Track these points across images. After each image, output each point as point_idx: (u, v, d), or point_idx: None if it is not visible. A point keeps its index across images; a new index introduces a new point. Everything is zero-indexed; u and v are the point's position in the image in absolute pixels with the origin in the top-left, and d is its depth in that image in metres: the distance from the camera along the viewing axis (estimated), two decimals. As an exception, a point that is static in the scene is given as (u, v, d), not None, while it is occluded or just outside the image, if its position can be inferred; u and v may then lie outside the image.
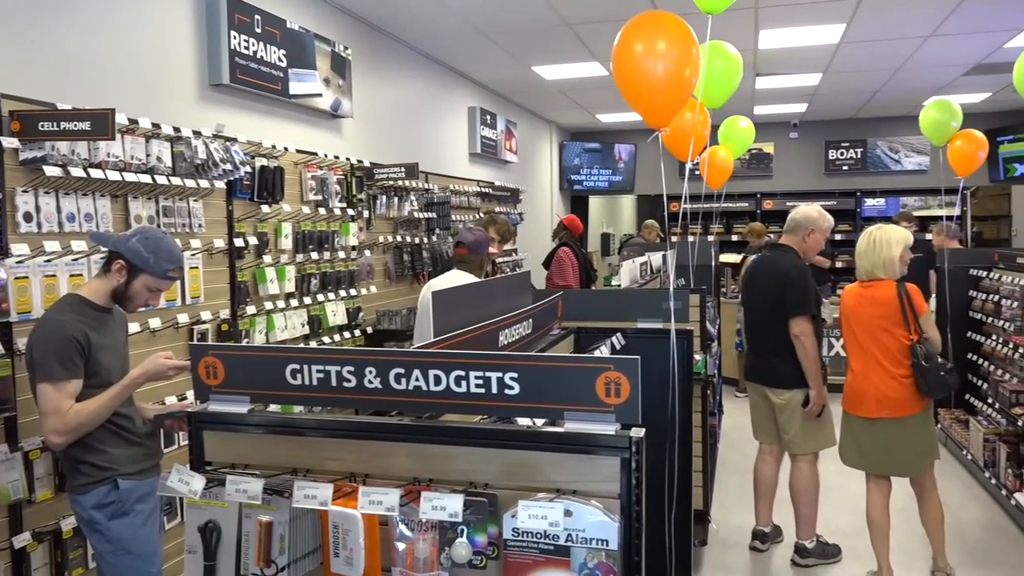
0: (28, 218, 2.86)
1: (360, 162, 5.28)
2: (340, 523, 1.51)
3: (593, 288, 6.92)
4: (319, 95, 4.95)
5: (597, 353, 2.56)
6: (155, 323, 3.39)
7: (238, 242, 3.99)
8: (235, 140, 3.95)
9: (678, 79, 2.72)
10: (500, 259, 7.41)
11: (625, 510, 1.43)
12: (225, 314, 3.90)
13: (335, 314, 4.84)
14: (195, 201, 3.69)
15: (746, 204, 11.84)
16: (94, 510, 2.46)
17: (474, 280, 3.72)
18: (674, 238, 8.70)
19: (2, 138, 2.76)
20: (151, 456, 2.64)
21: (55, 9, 3.17)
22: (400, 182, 5.60)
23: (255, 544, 1.57)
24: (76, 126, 2.82)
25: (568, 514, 1.40)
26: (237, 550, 1.59)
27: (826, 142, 11.31)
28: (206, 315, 3.73)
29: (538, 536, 1.43)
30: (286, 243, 4.42)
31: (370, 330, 5.26)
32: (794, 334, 3.85)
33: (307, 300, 4.61)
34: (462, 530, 1.47)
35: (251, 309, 4.10)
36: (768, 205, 11.77)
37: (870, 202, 11.43)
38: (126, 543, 2.49)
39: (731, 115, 6.32)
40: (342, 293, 4.94)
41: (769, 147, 11.47)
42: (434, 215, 6.35)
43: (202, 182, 3.64)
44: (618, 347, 2.84)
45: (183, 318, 3.57)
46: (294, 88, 4.68)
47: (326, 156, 4.87)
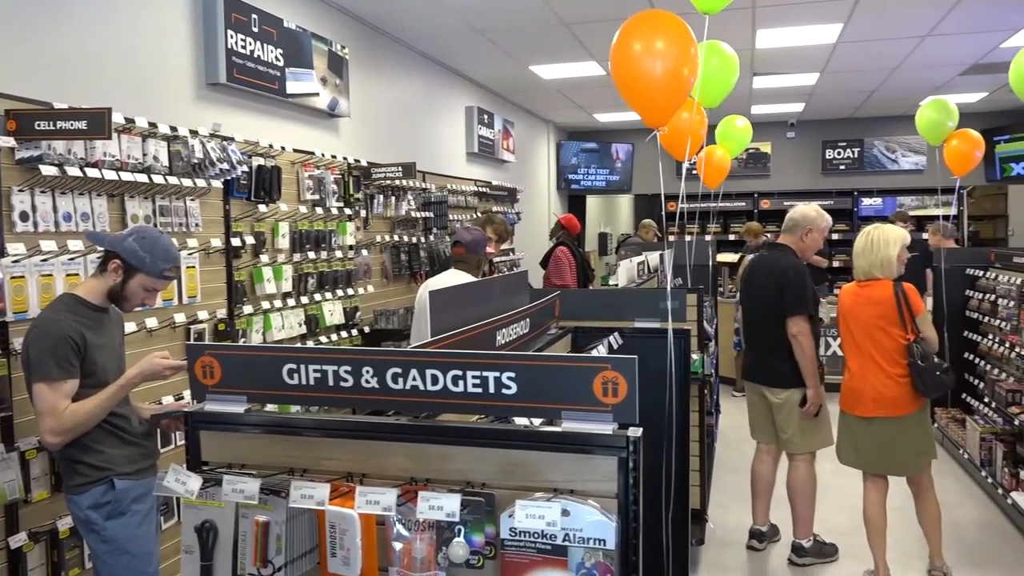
0: (24, 217, 2.86)
1: (357, 161, 5.28)
2: (337, 523, 1.51)
3: (590, 287, 6.92)
4: (316, 94, 4.95)
5: (594, 352, 2.55)
6: (152, 322, 3.39)
7: (235, 241, 3.98)
8: (232, 139, 3.94)
9: (676, 78, 2.72)
10: (497, 259, 7.40)
11: (622, 510, 1.43)
12: (222, 314, 3.90)
13: (332, 314, 4.83)
14: (192, 200, 3.68)
15: (743, 204, 11.85)
16: (90, 510, 2.46)
17: (471, 280, 3.71)
18: (671, 237, 8.72)
19: (-2, 137, 2.76)
20: (147, 456, 2.64)
21: (52, 8, 3.16)
22: (397, 181, 5.60)
23: (252, 544, 1.57)
24: (72, 125, 2.81)
25: (565, 514, 1.40)
26: (234, 550, 1.59)
27: (823, 142, 11.32)
28: (203, 315, 3.73)
29: (535, 536, 1.43)
30: (283, 242, 4.41)
31: (367, 330, 5.25)
32: (792, 333, 3.85)
33: (304, 300, 4.61)
34: (459, 530, 1.46)
35: (248, 309, 4.09)
36: (765, 205, 11.78)
37: (867, 202, 11.44)
38: (122, 543, 2.49)
39: (728, 115, 6.32)
40: (339, 293, 4.93)
41: (766, 147, 11.48)
42: (431, 214, 6.35)
43: (199, 181, 3.63)
44: (615, 346, 2.84)
45: (180, 318, 3.56)
46: (291, 87, 4.67)
47: (323, 155, 4.87)
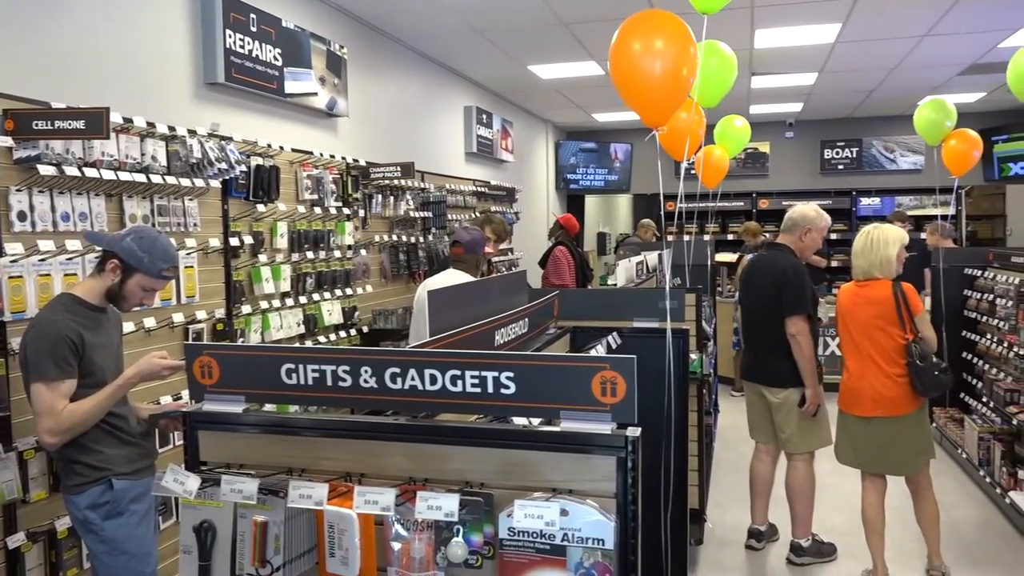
0: (22, 217, 2.85)
1: (356, 161, 5.27)
2: (336, 523, 1.51)
3: (589, 287, 6.92)
4: (315, 94, 4.94)
5: (593, 352, 2.55)
6: (150, 322, 3.38)
7: (233, 241, 3.98)
8: (230, 139, 3.94)
9: (676, 78, 2.72)
10: (496, 258, 7.40)
11: (621, 509, 1.43)
12: (220, 313, 3.89)
13: (331, 313, 4.83)
14: (190, 200, 3.68)
15: (742, 203, 11.85)
16: (88, 510, 2.46)
17: (470, 279, 3.71)
18: (670, 237, 8.72)
19: (-4, 137, 2.75)
20: (146, 456, 2.64)
21: (50, 8, 3.15)
22: (396, 181, 5.59)
23: (250, 544, 1.57)
24: (70, 125, 2.81)
25: (564, 513, 1.40)
26: (232, 550, 1.59)
27: (822, 141, 11.33)
28: (201, 314, 3.73)
29: (534, 536, 1.43)
30: (281, 242, 4.41)
31: (366, 329, 5.25)
32: (790, 333, 3.85)
33: (303, 299, 4.60)
34: (458, 530, 1.46)
35: (246, 308, 4.09)
36: (764, 204, 11.78)
37: (865, 201, 11.45)
38: (121, 543, 2.49)
39: (727, 114, 6.33)
40: (338, 292, 4.93)
41: (765, 146, 11.48)
42: (430, 214, 6.34)
43: (197, 181, 3.63)
44: (614, 346, 2.84)
45: (178, 317, 3.56)
46: (289, 87, 4.67)
47: (322, 155, 4.87)
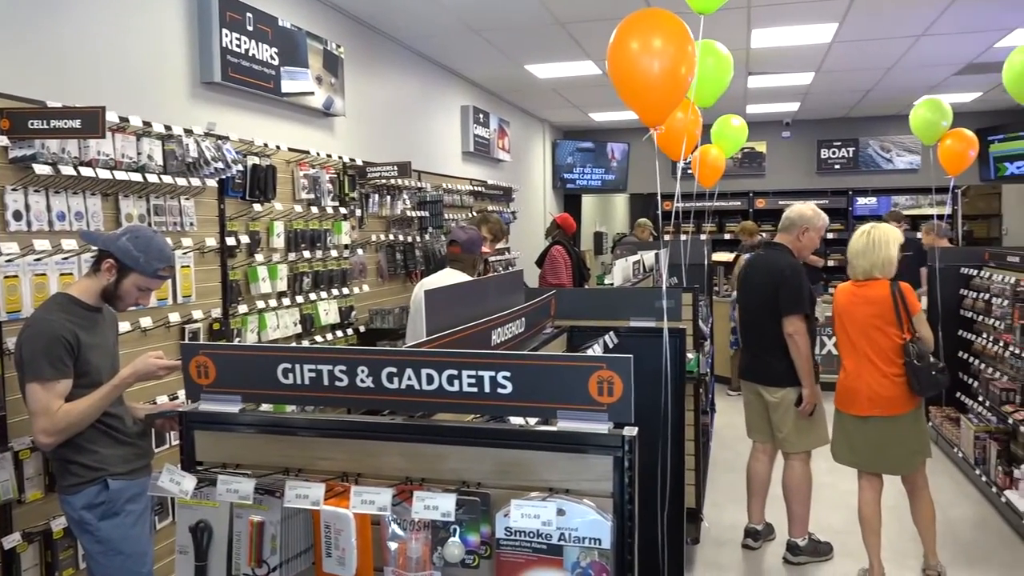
0: (18, 216, 2.84)
1: (353, 161, 5.27)
2: (332, 523, 1.51)
3: (586, 287, 6.92)
4: (311, 93, 4.94)
5: (590, 352, 2.55)
6: (146, 322, 3.38)
7: (230, 241, 3.97)
8: (227, 138, 3.93)
9: (674, 77, 2.71)
10: (493, 258, 7.40)
11: (618, 509, 1.43)
12: (217, 313, 3.88)
13: (327, 313, 4.83)
14: (186, 200, 3.67)
15: (739, 203, 11.86)
16: (84, 510, 2.45)
17: (467, 279, 3.71)
18: (667, 236, 8.73)
19: (-9, 136, 2.74)
20: (142, 456, 2.63)
21: (46, 7, 3.14)
22: (393, 181, 5.59)
23: (246, 544, 1.57)
24: (66, 124, 2.79)
25: (561, 513, 1.40)
26: (228, 550, 1.59)
27: (818, 141, 11.35)
28: (197, 314, 3.72)
29: (531, 535, 1.43)
30: (278, 242, 4.40)
31: (363, 329, 5.24)
32: (788, 333, 3.86)
33: (299, 299, 4.60)
34: (455, 529, 1.46)
35: (243, 308, 4.08)
36: (760, 204, 11.79)
37: (862, 201, 11.47)
38: (117, 543, 2.48)
39: (723, 114, 6.34)
40: (334, 292, 4.92)
41: (761, 146, 11.50)
42: (427, 214, 6.34)
43: (193, 180, 3.62)
44: (611, 346, 2.84)
45: (174, 317, 3.55)
46: (286, 86, 4.66)
47: (318, 155, 4.86)
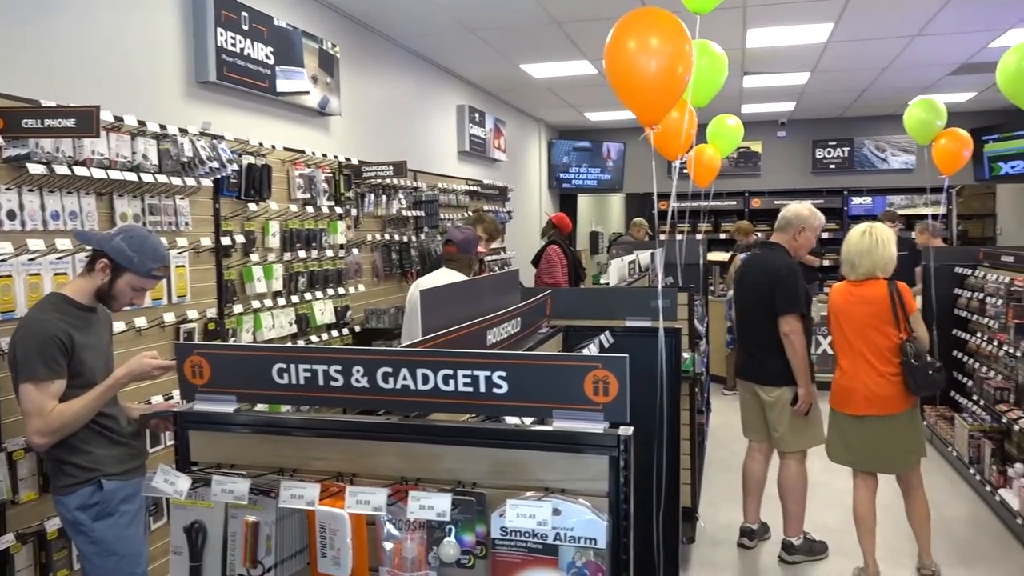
0: (12, 216, 2.83)
1: (348, 160, 5.26)
2: (327, 523, 1.50)
3: (582, 286, 6.92)
4: (307, 93, 4.93)
5: (585, 351, 2.56)
6: (141, 322, 3.37)
7: (225, 240, 3.96)
8: (222, 138, 3.92)
9: (671, 76, 2.71)
10: (489, 257, 7.40)
11: (613, 508, 1.43)
12: (212, 313, 3.88)
13: (323, 313, 4.82)
14: (181, 199, 3.66)
15: (734, 202, 11.89)
16: (78, 511, 2.44)
17: (463, 279, 3.71)
18: (662, 236, 8.73)
19: (-15, 135, 2.73)
20: (136, 456, 2.63)
21: (40, 6, 3.13)
22: (388, 180, 5.58)
23: (241, 545, 1.56)
24: (60, 123, 2.79)
25: (556, 513, 1.40)
26: (223, 551, 1.58)
27: (813, 141, 11.37)
28: (192, 314, 3.71)
29: (526, 535, 1.43)
30: (273, 241, 4.39)
31: (358, 329, 5.24)
32: (783, 332, 3.86)
33: (295, 299, 4.59)
34: (450, 529, 1.46)
35: (238, 308, 4.07)
36: (756, 203, 11.82)
37: (857, 201, 11.50)
38: (111, 544, 2.48)
39: (719, 114, 6.34)
40: (330, 292, 4.91)
41: (757, 146, 11.52)
42: (422, 213, 6.33)
43: (188, 180, 3.61)
44: (606, 345, 2.84)
45: (169, 317, 3.54)
46: (281, 85, 4.65)
47: (314, 154, 4.85)
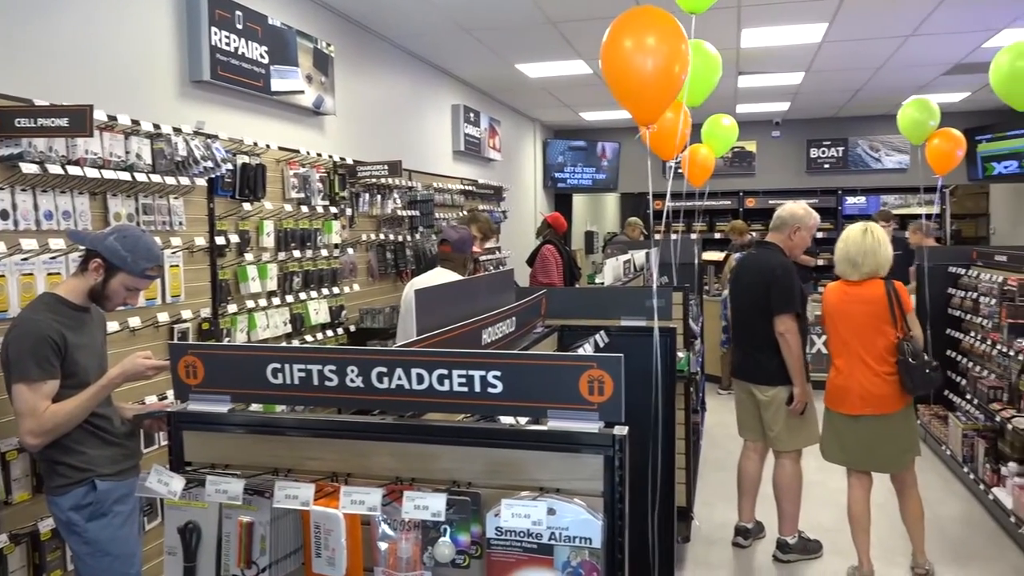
0: (4, 216, 2.82)
1: (343, 160, 5.25)
2: (322, 523, 1.50)
3: (577, 286, 6.93)
4: (301, 92, 4.92)
5: (580, 351, 2.56)
6: (135, 322, 3.36)
7: (219, 240, 3.95)
8: (216, 137, 3.91)
9: (668, 75, 2.71)
10: (483, 257, 7.39)
11: (608, 508, 1.43)
12: (206, 313, 3.86)
13: (317, 312, 4.81)
14: (175, 199, 3.65)
15: (729, 202, 11.91)
16: (72, 512, 2.44)
17: (458, 278, 3.71)
18: (657, 236, 8.74)
19: (-23, 134, 2.72)
20: (130, 457, 2.62)
21: (34, 5, 3.12)
22: (383, 180, 5.58)
23: (236, 545, 1.56)
24: (53, 122, 2.77)
25: (551, 512, 1.40)
26: (217, 551, 1.58)
27: (808, 141, 11.40)
28: (186, 314, 3.70)
29: (521, 535, 1.43)
30: (268, 241, 4.38)
31: (353, 328, 5.23)
32: (779, 332, 3.87)
33: (289, 298, 4.58)
34: (445, 529, 1.46)
35: (232, 308, 4.06)
36: (750, 203, 11.84)
37: (851, 200, 11.53)
38: (104, 545, 2.47)
39: (713, 113, 6.35)
40: (324, 291, 4.91)
41: (751, 145, 11.54)
42: (417, 213, 6.33)
43: (182, 179, 3.60)
44: (601, 345, 2.85)
45: (163, 317, 3.53)
46: (276, 85, 4.64)
47: (308, 153, 4.84)
